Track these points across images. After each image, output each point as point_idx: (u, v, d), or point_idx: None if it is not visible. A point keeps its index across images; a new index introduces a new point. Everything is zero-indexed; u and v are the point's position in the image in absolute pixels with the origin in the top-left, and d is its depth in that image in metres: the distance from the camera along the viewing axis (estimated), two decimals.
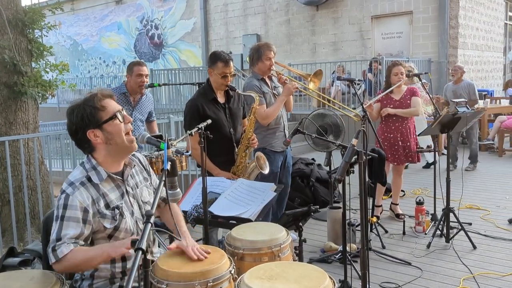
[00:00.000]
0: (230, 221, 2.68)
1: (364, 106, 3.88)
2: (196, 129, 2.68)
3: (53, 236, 1.93)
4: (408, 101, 4.74)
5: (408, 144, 4.79)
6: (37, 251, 3.34)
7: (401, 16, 11.69)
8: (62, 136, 5.40)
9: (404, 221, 4.66)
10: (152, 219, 1.41)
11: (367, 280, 2.39)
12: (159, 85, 4.97)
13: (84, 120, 2.01)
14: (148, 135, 2.20)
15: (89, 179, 2.03)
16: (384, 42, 12.04)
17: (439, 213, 4.57)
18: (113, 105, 2.06)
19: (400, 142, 4.77)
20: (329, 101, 6.03)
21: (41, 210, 4.71)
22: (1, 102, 4.90)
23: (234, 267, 1.98)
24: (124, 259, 2.09)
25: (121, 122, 2.04)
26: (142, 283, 1.48)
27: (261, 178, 3.57)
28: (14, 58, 4.85)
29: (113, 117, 2.02)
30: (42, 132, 6.19)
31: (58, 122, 11.71)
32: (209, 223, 2.67)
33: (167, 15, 16.51)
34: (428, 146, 5.73)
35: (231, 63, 3.47)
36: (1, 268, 3.22)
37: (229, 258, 2.01)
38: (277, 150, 4.08)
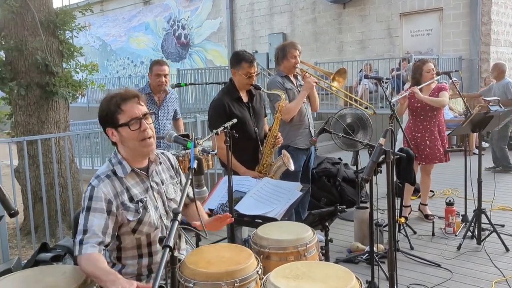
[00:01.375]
0: (256, 220, 2.68)
1: (398, 97, 3.82)
2: (222, 128, 2.69)
3: (80, 227, 1.98)
4: None
5: (437, 143, 4.68)
6: (68, 247, 3.43)
7: (430, 12, 11.46)
8: (92, 135, 5.54)
9: (433, 222, 4.56)
10: (179, 217, 1.43)
11: (395, 281, 2.35)
12: (186, 85, 5.02)
13: (105, 117, 2.06)
14: (175, 134, 2.23)
15: (114, 172, 2.07)
16: (413, 40, 11.83)
17: (470, 214, 4.46)
18: (132, 110, 2.02)
19: (428, 142, 4.67)
20: (353, 99, 5.95)
21: (71, 207, 4.82)
22: (34, 101, 5.04)
23: (261, 267, 1.97)
24: (151, 254, 2.12)
25: (136, 129, 2.02)
26: (169, 281, 1.49)
27: (282, 176, 3.56)
28: (46, 59, 4.99)
29: (129, 123, 2.02)
30: (73, 131, 6.34)
31: (87, 121, 11.96)
32: (235, 222, 2.68)
33: (193, 15, 16.65)
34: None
35: (255, 62, 3.47)
36: (34, 263, 3.32)
37: (256, 258, 2.01)
38: (301, 147, 4.05)
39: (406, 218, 4.66)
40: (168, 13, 17.48)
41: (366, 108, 4.68)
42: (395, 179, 3.39)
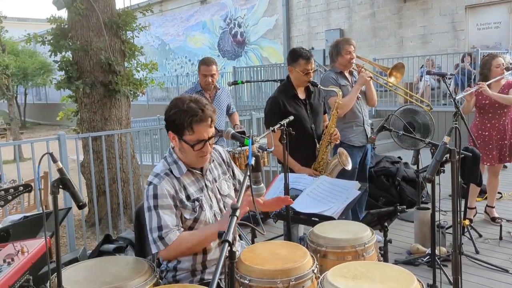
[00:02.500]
0: (312, 218, 2.65)
1: (464, 94, 3.65)
2: (278, 125, 2.68)
3: (153, 225, 2.02)
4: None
5: (506, 142, 4.42)
6: (129, 239, 3.56)
7: (499, 4, 10.84)
8: (152, 131, 5.71)
9: (501, 225, 4.31)
10: (238, 212, 1.43)
11: (459, 286, 2.23)
12: (242, 82, 5.06)
13: (173, 123, 2.06)
14: (233, 131, 2.25)
15: (170, 171, 2.11)
16: (479, 34, 11.24)
17: None
18: (202, 133, 2.02)
19: (496, 141, 4.42)
20: (410, 96, 5.75)
21: (133, 201, 5.00)
22: (98, 99, 5.28)
23: (317, 266, 1.94)
24: (205, 251, 2.15)
25: (198, 150, 2.05)
26: (223, 276, 1.49)
27: (338, 174, 3.49)
28: (109, 58, 5.20)
29: (194, 145, 2.04)
30: (134, 128, 6.58)
31: (147, 119, 12.36)
32: (291, 220, 2.66)
33: (249, 13, 16.76)
34: None
35: (312, 59, 3.44)
36: (98, 253, 3.47)
37: (312, 256, 1.98)
38: (355, 144, 3.97)
39: (471, 220, 4.46)
40: (225, 11, 17.71)
41: (428, 106, 4.51)
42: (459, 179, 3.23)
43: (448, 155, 2.22)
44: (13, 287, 1.84)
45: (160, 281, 2.03)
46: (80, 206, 1.80)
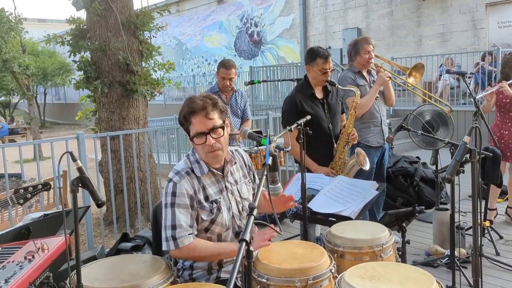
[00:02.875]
0: (329, 218, 2.64)
1: (485, 93, 3.58)
2: (295, 125, 2.67)
3: (167, 222, 2.04)
4: None
5: None
6: (147, 237, 3.58)
7: None
8: (169, 131, 5.74)
9: None
10: (255, 212, 1.43)
11: None
12: (259, 82, 5.07)
13: (181, 124, 2.10)
14: (250, 130, 2.25)
15: (192, 170, 2.11)
16: (500, 32, 11.02)
17: None
18: (198, 125, 2.02)
19: None
20: (429, 97, 5.66)
21: (150, 200, 5.03)
22: (116, 99, 5.33)
23: (335, 265, 1.93)
24: None
25: (201, 144, 2.04)
26: (240, 275, 1.49)
27: (356, 174, 3.46)
28: (127, 58, 5.25)
29: (192, 138, 2.05)
30: (151, 127, 6.63)
31: (164, 118, 12.44)
32: (307, 219, 2.65)
33: (266, 12, 16.74)
34: None
35: (330, 58, 3.42)
36: (116, 251, 3.51)
37: (329, 256, 1.98)
38: (373, 145, 3.93)
39: (491, 221, 4.37)
40: (241, 11, 17.73)
41: (446, 106, 4.44)
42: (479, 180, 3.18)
43: (468, 155, 2.19)
44: (34, 284, 1.87)
45: (177, 279, 2.05)
46: (99, 205, 1.82)
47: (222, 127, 2.05)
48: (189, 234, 2.03)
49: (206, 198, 2.10)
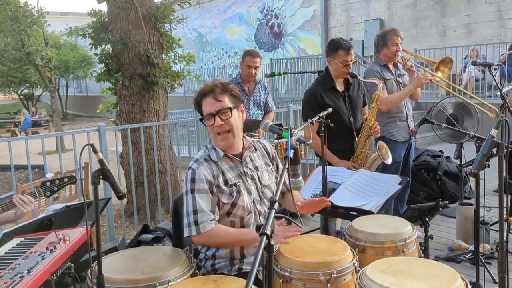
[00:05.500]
0: (351, 212, 2.60)
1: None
2: (316, 117, 2.63)
3: (188, 208, 2.07)
4: None
5: None
6: (167, 230, 3.60)
7: None
8: (189, 123, 5.76)
9: None
10: (276, 205, 1.41)
11: (506, 285, 2.14)
12: (280, 74, 5.03)
13: (195, 105, 2.17)
14: (271, 123, 2.24)
15: (210, 157, 2.15)
16: None
17: None
18: (207, 107, 2.09)
19: None
20: (458, 90, 5.53)
21: (170, 192, 5.06)
22: (137, 91, 5.36)
23: (358, 259, 1.91)
24: None
25: (210, 125, 2.10)
26: (261, 268, 1.48)
27: (382, 169, 3.41)
28: (148, 51, 5.27)
29: (202, 119, 2.13)
30: (171, 120, 6.66)
31: (184, 111, 12.50)
32: (328, 213, 2.62)
33: (287, 3, 16.61)
34: None
35: (352, 50, 3.36)
36: (136, 243, 3.54)
37: (351, 250, 1.95)
38: (398, 140, 3.87)
39: None
40: (262, 3, 17.62)
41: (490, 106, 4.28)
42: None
43: (495, 149, 2.13)
44: (56, 274, 1.89)
45: (197, 271, 2.05)
46: (120, 197, 1.83)
47: (230, 108, 2.09)
48: (210, 220, 2.05)
49: (226, 182, 2.13)
